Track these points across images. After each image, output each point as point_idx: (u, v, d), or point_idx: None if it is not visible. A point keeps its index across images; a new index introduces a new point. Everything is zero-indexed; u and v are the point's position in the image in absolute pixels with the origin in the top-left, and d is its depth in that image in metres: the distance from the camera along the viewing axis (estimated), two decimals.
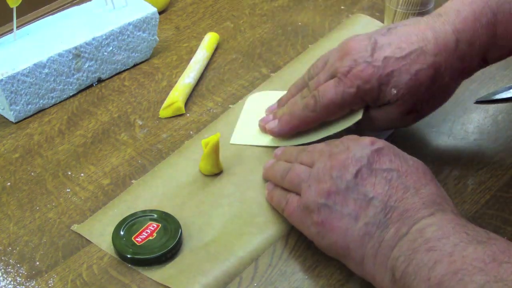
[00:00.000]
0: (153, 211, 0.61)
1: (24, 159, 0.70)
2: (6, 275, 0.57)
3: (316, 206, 0.54)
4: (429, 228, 0.49)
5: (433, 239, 0.48)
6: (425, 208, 0.51)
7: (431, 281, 0.46)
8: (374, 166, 0.54)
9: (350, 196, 0.53)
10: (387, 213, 0.52)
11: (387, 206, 0.52)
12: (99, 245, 0.59)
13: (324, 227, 0.54)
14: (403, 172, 0.53)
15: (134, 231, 0.59)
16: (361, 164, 0.54)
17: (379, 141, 0.56)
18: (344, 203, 0.53)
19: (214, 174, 0.66)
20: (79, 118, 0.75)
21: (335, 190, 0.54)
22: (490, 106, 0.74)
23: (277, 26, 0.89)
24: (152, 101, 0.77)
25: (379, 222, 0.52)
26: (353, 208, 0.53)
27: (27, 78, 0.73)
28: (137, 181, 0.65)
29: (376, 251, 0.51)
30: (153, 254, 0.57)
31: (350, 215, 0.53)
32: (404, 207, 0.51)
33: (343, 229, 0.53)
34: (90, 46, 0.77)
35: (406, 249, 0.49)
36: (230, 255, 0.58)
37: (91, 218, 0.62)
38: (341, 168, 0.54)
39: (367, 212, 0.52)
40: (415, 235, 0.49)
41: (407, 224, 0.50)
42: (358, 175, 0.54)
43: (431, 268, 0.46)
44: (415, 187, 0.52)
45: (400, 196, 0.52)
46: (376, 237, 0.51)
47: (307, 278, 0.56)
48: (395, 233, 0.50)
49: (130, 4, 0.82)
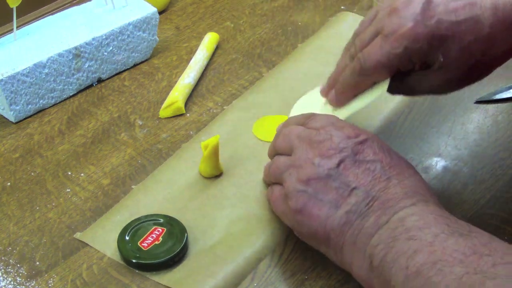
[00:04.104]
0: (157, 215, 0.60)
1: (24, 159, 0.70)
2: (6, 275, 0.57)
3: (296, 192, 0.53)
4: (410, 217, 0.48)
5: (414, 229, 0.47)
6: (407, 198, 0.50)
7: (409, 269, 0.45)
8: (357, 157, 0.53)
9: (331, 184, 0.52)
10: (368, 202, 0.51)
11: (369, 195, 0.51)
12: (104, 251, 0.59)
13: (304, 215, 0.53)
14: (386, 163, 0.53)
15: (140, 236, 0.58)
16: (344, 154, 0.53)
17: (363, 133, 0.55)
18: (325, 190, 0.52)
19: (214, 176, 0.66)
20: (79, 118, 0.75)
21: (316, 177, 0.53)
22: (490, 106, 0.74)
23: (277, 26, 0.89)
24: (152, 101, 0.77)
25: (360, 211, 0.51)
26: (334, 197, 0.52)
27: (27, 78, 0.73)
28: (137, 186, 0.65)
29: (355, 239, 0.50)
30: (160, 259, 0.56)
31: (330, 203, 0.52)
32: (386, 197, 0.51)
33: (323, 217, 0.52)
34: (90, 46, 0.77)
35: (385, 237, 0.48)
36: (237, 256, 0.58)
37: (94, 225, 0.61)
38: (324, 157, 0.53)
39: (348, 201, 0.51)
40: (396, 224, 0.48)
41: (388, 213, 0.50)
42: (341, 164, 0.53)
43: (410, 257, 0.46)
44: (397, 178, 0.52)
45: (383, 187, 0.51)
46: (356, 225, 0.51)
47: (307, 279, 0.56)
48: (375, 221, 0.50)
49: (130, 4, 0.82)
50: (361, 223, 0.50)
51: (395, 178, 0.52)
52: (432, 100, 0.74)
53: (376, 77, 0.60)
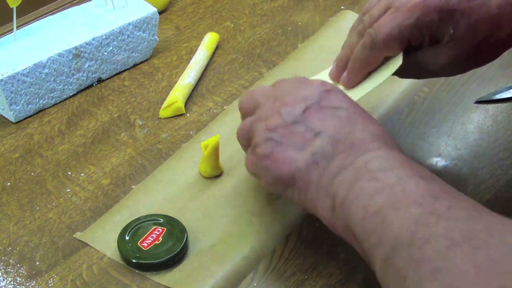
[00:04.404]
0: (157, 215, 0.60)
1: (24, 159, 0.70)
2: (6, 275, 0.57)
3: (263, 140, 0.54)
4: (375, 160, 0.49)
5: (377, 170, 0.48)
6: (372, 142, 0.51)
7: (369, 209, 0.46)
8: (323, 103, 0.54)
9: (297, 130, 0.53)
10: (333, 144, 0.51)
11: (334, 139, 0.52)
12: (104, 251, 0.59)
13: (270, 160, 0.53)
14: (352, 110, 0.54)
15: (139, 236, 0.58)
16: (310, 102, 0.54)
17: (329, 84, 0.56)
18: (290, 136, 0.53)
19: (215, 176, 0.66)
20: (79, 118, 0.75)
21: (282, 124, 0.53)
22: (490, 106, 0.74)
23: (277, 26, 0.89)
24: (152, 101, 0.77)
25: (325, 153, 0.51)
26: (300, 141, 0.53)
27: (27, 78, 0.73)
28: (137, 186, 0.65)
29: (320, 179, 0.51)
30: (160, 259, 0.56)
31: (296, 147, 0.53)
32: (351, 140, 0.51)
33: (288, 160, 0.53)
34: (90, 46, 0.77)
35: (349, 178, 0.49)
36: (236, 255, 0.58)
37: (94, 225, 0.61)
38: (290, 105, 0.54)
39: (313, 144, 0.52)
40: (360, 165, 0.49)
41: (353, 155, 0.50)
42: (306, 111, 0.53)
43: (371, 197, 0.47)
44: (363, 124, 0.53)
45: (348, 131, 0.52)
46: (321, 166, 0.51)
47: (307, 279, 0.56)
48: (341, 162, 0.50)
49: (130, 4, 0.82)
50: (326, 164, 0.51)
51: (360, 124, 0.53)
52: (432, 100, 0.74)
53: (387, 51, 0.60)
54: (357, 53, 0.61)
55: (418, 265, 0.42)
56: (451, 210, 0.44)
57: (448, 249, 0.42)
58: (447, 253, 0.41)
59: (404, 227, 0.44)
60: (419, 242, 0.43)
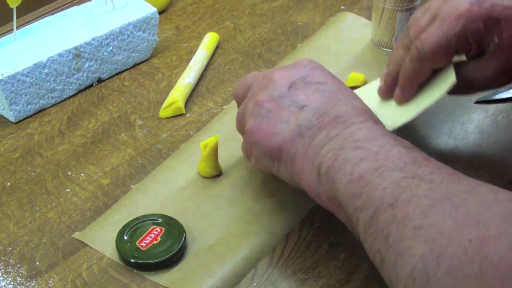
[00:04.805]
0: (156, 215, 0.60)
1: (24, 159, 0.70)
2: (6, 275, 0.57)
3: (250, 115, 0.56)
4: (360, 131, 0.51)
5: (362, 140, 0.50)
6: (357, 116, 0.53)
7: (353, 175, 0.48)
8: (308, 79, 0.56)
9: (283, 104, 0.55)
10: (319, 117, 0.53)
11: (319, 111, 0.54)
12: (103, 251, 0.59)
13: (259, 134, 0.56)
14: (336, 86, 0.56)
15: (138, 236, 0.58)
16: (296, 77, 0.56)
17: (315, 62, 0.59)
18: (277, 110, 0.55)
19: (214, 176, 0.66)
20: (79, 118, 0.75)
21: (269, 99, 0.56)
22: (490, 106, 0.74)
23: (277, 26, 0.89)
24: (152, 101, 0.77)
25: (311, 125, 0.53)
26: (286, 114, 0.55)
27: (27, 78, 0.73)
28: (136, 186, 0.65)
29: (305, 150, 0.53)
30: (158, 259, 0.56)
31: (282, 120, 0.55)
32: (337, 114, 0.53)
33: (275, 132, 0.55)
34: (90, 46, 0.77)
35: (334, 147, 0.51)
36: (235, 255, 0.58)
37: (92, 224, 0.61)
38: (276, 82, 0.57)
39: (299, 116, 0.54)
40: (345, 136, 0.51)
41: (339, 127, 0.52)
42: (292, 86, 0.56)
43: (355, 164, 0.49)
44: (347, 99, 0.55)
45: (333, 105, 0.54)
46: (307, 137, 0.53)
47: (307, 278, 0.56)
48: (327, 134, 0.52)
49: (130, 4, 0.82)
50: (312, 136, 0.53)
51: (344, 99, 0.55)
52: None
53: (435, 62, 0.61)
54: (406, 66, 0.62)
55: (400, 224, 0.44)
56: (432, 174, 0.46)
57: (429, 207, 0.43)
58: (428, 211, 0.43)
59: (387, 189, 0.46)
60: (401, 203, 0.45)
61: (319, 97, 0.55)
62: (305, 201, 0.62)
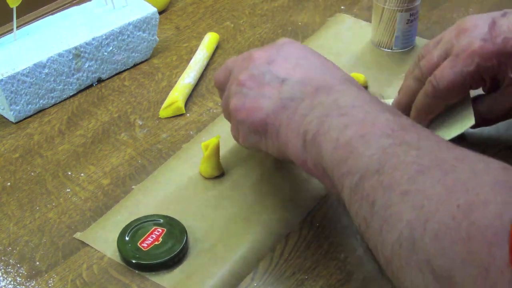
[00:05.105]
0: (157, 215, 0.60)
1: (24, 159, 0.70)
2: (6, 275, 0.57)
3: (233, 94, 0.57)
4: (344, 97, 0.51)
5: (347, 107, 0.50)
6: (340, 84, 0.53)
7: (339, 141, 0.48)
8: (287, 56, 0.56)
9: (264, 80, 0.55)
10: (301, 88, 0.54)
11: (301, 83, 0.54)
12: (104, 252, 0.59)
13: (243, 112, 0.56)
14: (317, 59, 0.56)
15: (139, 236, 0.58)
16: (275, 55, 0.57)
17: (295, 41, 0.59)
18: (258, 87, 0.56)
19: (215, 176, 0.66)
20: (79, 118, 0.75)
21: (249, 77, 0.56)
22: None
23: (277, 26, 0.89)
24: (152, 101, 0.77)
25: (294, 96, 0.54)
26: (268, 90, 0.55)
27: (27, 78, 0.73)
28: (137, 186, 0.65)
29: (290, 120, 0.53)
30: (160, 259, 0.56)
31: (265, 96, 0.55)
32: (319, 83, 0.53)
33: (258, 108, 0.55)
34: (90, 46, 0.77)
35: (319, 115, 0.51)
36: (236, 256, 0.58)
37: (94, 225, 0.61)
38: (256, 61, 0.57)
39: (281, 90, 0.54)
40: (329, 103, 0.51)
41: (322, 95, 0.52)
42: (271, 62, 0.56)
43: (341, 131, 0.48)
44: (329, 70, 0.55)
45: (314, 75, 0.54)
46: (291, 108, 0.53)
47: (307, 278, 0.56)
48: (310, 103, 0.52)
49: (130, 4, 0.82)
50: (295, 106, 0.53)
51: (326, 70, 0.55)
52: None
53: (450, 98, 0.62)
54: (419, 101, 0.63)
55: (387, 190, 0.43)
56: (421, 141, 0.45)
57: (417, 173, 0.43)
58: (416, 177, 0.42)
59: (374, 156, 0.45)
60: (388, 169, 0.44)
61: (299, 70, 0.55)
62: (306, 201, 0.62)
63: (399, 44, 0.82)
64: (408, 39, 0.82)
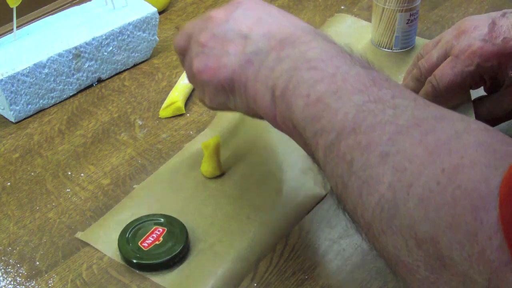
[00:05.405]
0: (158, 215, 0.60)
1: (24, 159, 0.70)
2: (6, 275, 0.57)
3: (195, 56, 0.54)
4: (312, 50, 0.49)
5: (316, 60, 0.48)
6: (306, 35, 0.51)
7: (310, 97, 0.46)
8: (248, 11, 0.54)
9: (226, 38, 0.53)
10: (265, 41, 0.51)
11: (265, 36, 0.52)
12: (105, 251, 0.59)
13: (206, 72, 0.54)
14: (279, 13, 0.54)
15: (140, 236, 0.58)
16: (235, 12, 0.54)
17: None
18: (221, 45, 0.53)
19: (216, 176, 0.66)
20: (79, 118, 0.75)
21: (210, 37, 0.54)
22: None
23: None
24: (152, 101, 0.77)
25: (259, 50, 0.51)
26: (231, 47, 0.53)
27: (27, 78, 0.73)
28: (138, 186, 0.65)
29: (257, 74, 0.51)
30: (161, 259, 0.56)
31: (228, 53, 0.53)
32: (284, 36, 0.51)
33: (223, 65, 0.53)
34: (90, 46, 0.77)
35: (287, 68, 0.49)
36: (237, 256, 0.58)
37: (95, 224, 0.61)
38: (215, 20, 0.54)
39: (245, 45, 0.52)
40: (297, 56, 0.49)
41: (288, 48, 0.50)
42: (232, 20, 0.54)
43: (312, 86, 0.46)
44: (292, 22, 0.52)
45: (278, 28, 0.52)
46: (256, 62, 0.51)
47: (307, 278, 0.56)
48: (277, 56, 0.50)
49: (130, 4, 0.82)
50: (261, 60, 0.51)
51: (289, 22, 0.52)
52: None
53: (450, 98, 0.62)
54: None
55: (365, 150, 0.42)
56: (396, 99, 0.44)
57: (396, 134, 0.41)
58: (395, 138, 0.41)
59: (349, 114, 0.43)
60: (365, 129, 0.42)
61: (262, 25, 0.53)
62: (306, 201, 0.62)
63: (399, 44, 0.82)
64: (408, 39, 0.82)
